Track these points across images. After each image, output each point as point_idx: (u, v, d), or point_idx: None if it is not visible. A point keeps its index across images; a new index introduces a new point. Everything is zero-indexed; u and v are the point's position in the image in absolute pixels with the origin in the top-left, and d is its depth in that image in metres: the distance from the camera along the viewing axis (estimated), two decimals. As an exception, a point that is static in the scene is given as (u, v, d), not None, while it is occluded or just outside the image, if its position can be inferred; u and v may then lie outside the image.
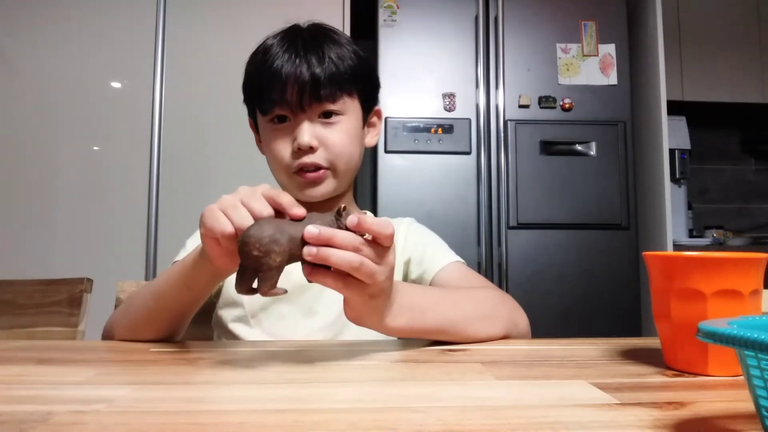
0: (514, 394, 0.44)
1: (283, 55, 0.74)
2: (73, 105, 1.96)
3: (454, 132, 2.07)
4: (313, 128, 0.75)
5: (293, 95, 0.73)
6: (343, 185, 0.80)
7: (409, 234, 0.86)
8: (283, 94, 0.73)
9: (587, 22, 2.15)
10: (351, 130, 0.78)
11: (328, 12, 2.02)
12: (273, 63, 0.74)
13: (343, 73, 0.75)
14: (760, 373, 0.31)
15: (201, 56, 1.99)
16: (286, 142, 0.76)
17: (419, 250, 0.83)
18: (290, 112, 0.75)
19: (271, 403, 0.41)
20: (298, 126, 0.74)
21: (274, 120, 0.76)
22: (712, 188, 2.92)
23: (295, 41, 0.75)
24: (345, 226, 0.48)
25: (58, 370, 0.52)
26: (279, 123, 0.76)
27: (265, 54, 0.75)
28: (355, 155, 0.80)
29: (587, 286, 2.05)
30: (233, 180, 1.96)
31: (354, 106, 0.79)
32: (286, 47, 0.75)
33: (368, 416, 0.38)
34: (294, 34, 0.77)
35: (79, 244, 1.92)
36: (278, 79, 0.73)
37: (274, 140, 0.77)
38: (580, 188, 2.08)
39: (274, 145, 0.77)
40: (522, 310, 0.75)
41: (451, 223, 2.02)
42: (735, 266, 0.49)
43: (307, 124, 0.74)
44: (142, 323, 0.67)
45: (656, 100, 2.19)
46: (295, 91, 0.73)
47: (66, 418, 0.37)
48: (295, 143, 0.74)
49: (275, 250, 0.46)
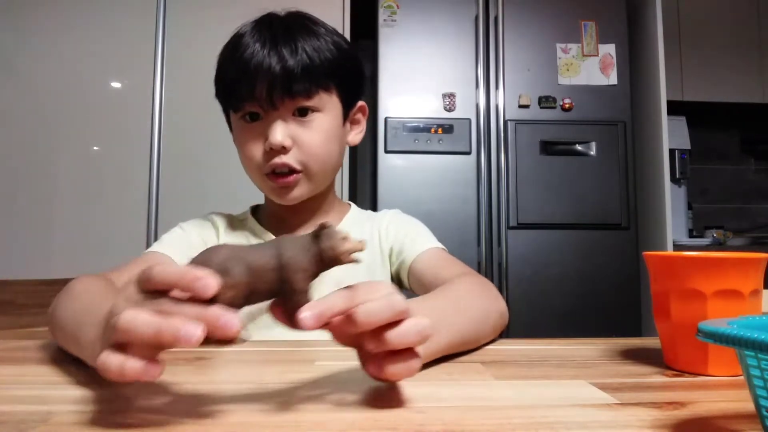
0: (514, 394, 0.44)
1: (253, 45, 0.68)
2: (73, 105, 1.96)
3: (454, 132, 2.07)
4: (287, 127, 0.70)
5: (263, 90, 0.68)
6: (321, 186, 0.77)
7: (390, 225, 0.83)
8: (253, 89, 0.68)
9: (587, 22, 2.15)
10: (328, 128, 0.73)
11: (328, 12, 2.02)
12: (242, 54, 0.68)
13: (319, 66, 0.70)
14: (760, 373, 0.31)
15: (201, 56, 1.98)
16: (258, 142, 0.71)
17: (399, 239, 0.81)
18: (261, 109, 0.70)
19: (271, 403, 0.40)
20: (270, 124, 0.70)
21: (245, 117, 0.72)
22: (712, 188, 2.92)
23: (264, 31, 0.70)
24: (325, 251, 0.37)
25: (58, 370, 0.52)
26: (251, 121, 0.72)
27: (236, 44, 0.70)
28: (333, 155, 0.76)
29: (587, 286, 2.05)
30: (233, 180, 1.96)
31: (332, 102, 0.74)
32: (257, 37, 0.69)
33: (368, 416, 0.38)
34: (267, 23, 0.72)
35: (79, 244, 1.92)
36: (247, 73, 0.68)
37: (245, 139, 0.72)
38: (580, 188, 2.08)
39: (245, 145, 0.72)
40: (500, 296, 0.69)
41: (451, 223, 2.02)
42: (735, 266, 0.49)
43: (280, 122, 0.70)
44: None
45: (656, 100, 2.19)
46: (265, 86, 0.68)
47: (66, 418, 0.37)
48: (266, 143, 0.70)
49: (226, 283, 0.35)
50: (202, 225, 0.81)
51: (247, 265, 0.36)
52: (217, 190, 1.97)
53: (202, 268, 0.35)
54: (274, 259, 0.37)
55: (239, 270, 0.36)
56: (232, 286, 0.35)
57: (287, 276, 0.37)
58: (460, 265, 0.76)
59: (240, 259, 0.36)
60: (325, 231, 0.38)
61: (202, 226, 0.81)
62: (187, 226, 0.80)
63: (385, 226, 0.84)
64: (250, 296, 0.36)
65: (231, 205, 0.90)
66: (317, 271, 0.38)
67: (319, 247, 0.37)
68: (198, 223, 0.81)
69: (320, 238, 0.38)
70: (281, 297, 0.37)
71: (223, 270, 0.35)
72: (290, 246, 0.37)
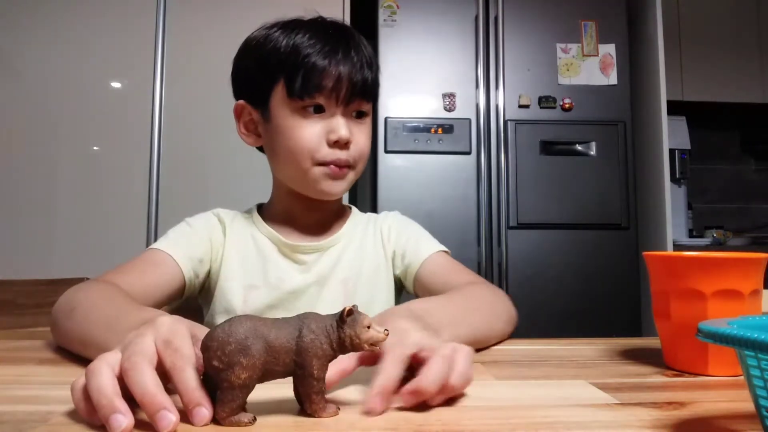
0: (514, 394, 0.44)
1: (331, 45, 0.73)
2: (73, 105, 1.96)
3: (454, 132, 2.07)
4: (349, 125, 0.75)
5: (342, 88, 0.73)
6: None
7: (392, 228, 0.86)
8: (335, 86, 0.72)
9: (587, 22, 2.15)
10: (370, 132, 0.80)
11: (328, 12, 2.00)
12: (324, 50, 0.73)
13: (377, 76, 0.78)
14: (760, 373, 0.31)
15: (201, 56, 1.99)
16: (318, 132, 0.74)
17: (401, 243, 0.83)
18: (333, 104, 0.74)
19: (271, 403, 0.40)
20: (332, 118, 0.74)
21: (309, 109, 0.74)
22: (712, 188, 2.92)
23: (337, 36, 0.75)
24: (347, 338, 0.37)
25: (58, 370, 0.52)
26: (315, 113, 0.74)
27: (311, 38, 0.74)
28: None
29: (587, 286, 2.05)
30: (233, 180, 1.97)
31: (371, 109, 0.80)
32: (328, 39, 0.74)
33: (368, 416, 0.38)
34: (326, 28, 0.77)
35: (79, 243, 1.92)
36: (330, 72, 0.72)
37: (305, 128, 0.74)
38: (580, 188, 2.08)
39: (302, 132, 0.74)
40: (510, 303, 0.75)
41: (451, 223, 2.02)
42: (735, 266, 0.49)
43: (345, 119, 0.75)
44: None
45: (656, 100, 2.19)
46: (346, 87, 0.73)
47: (66, 418, 0.37)
48: (332, 135, 0.73)
49: (241, 363, 0.35)
50: (209, 220, 0.82)
51: (267, 343, 0.36)
52: (217, 189, 1.97)
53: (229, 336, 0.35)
54: (294, 341, 0.37)
55: (258, 348, 0.36)
56: (248, 367, 0.35)
57: (304, 361, 0.37)
58: (467, 271, 0.80)
59: (260, 337, 0.36)
60: (350, 317, 0.37)
61: (208, 220, 0.82)
62: (193, 221, 0.81)
63: (387, 228, 0.85)
64: (264, 376, 0.37)
65: (231, 204, 0.90)
66: (335, 355, 0.38)
67: (341, 333, 0.37)
68: (204, 218, 0.82)
69: (344, 324, 0.37)
70: (296, 378, 0.38)
71: (243, 348, 0.35)
72: (313, 326, 0.37)
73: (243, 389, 0.35)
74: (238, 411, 0.36)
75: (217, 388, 0.36)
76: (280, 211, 0.83)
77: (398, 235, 0.84)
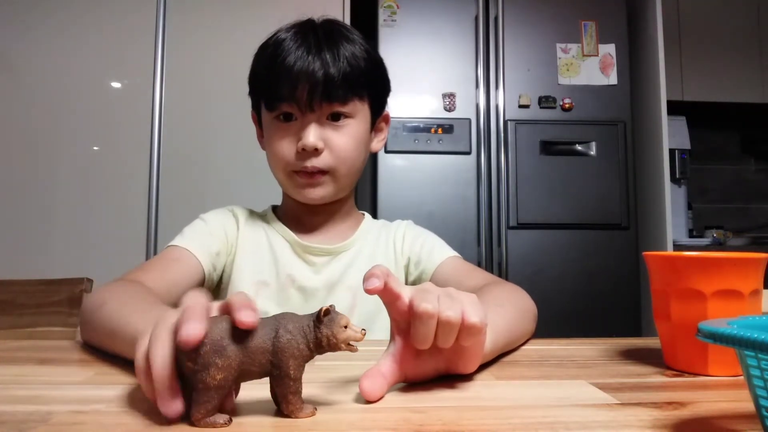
0: (514, 394, 0.44)
1: (296, 51, 0.71)
2: (73, 105, 1.96)
3: (454, 132, 2.07)
4: (320, 130, 0.73)
5: (303, 94, 0.71)
6: (344, 190, 0.79)
7: (406, 235, 0.85)
8: (293, 92, 0.71)
9: (587, 22, 2.15)
10: (358, 134, 0.76)
11: (328, 12, 2.00)
12: (285, 58, 0.71)
13: (357, 74, 0.73)
14: (760, 373, 0.31)
15: (201, 56, 1.99)
16: (291, 142, 0.74)
17: (415, 250, 0.83)
18: (298, 110, 0.73)
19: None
20: (304, 126, 0.72)
21: (280, 117, 0.74)
22: (712, 188, 2.92)
23: (308, 37, 0.73)
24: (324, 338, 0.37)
25: (58, 370, 0.52)
26: (284, 121, 0.74)
27: (277, 47, 0.73)
28: (359, 160, 0.78)
29: (587, 286, 2.05)
30: (233, 180, 1.96)
31: (363, 110, 0.77)
32: (300, 42, 0.72)
33: (368, 416, 0.38)
34: (307, 29, 0.75)
35: (78, 244, 1.92)
36: (289, 76, 0.70)
37: (278, 138, 0.74)
38: (580, 188, 2.08)
39: (277, 143, 0.74)
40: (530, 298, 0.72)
41: (451, 223, 2.02)
42: (735, 266, 0.49)
43: (315, 125, 0.72)
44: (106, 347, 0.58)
45: (656, 100, 2.19)
46: (306, 90, 0.70)
47: (66, 418, 0.37)
48: (299, 143, 0.72)
49: (216, 365, 0.35)
50: (224, 215, 0.82)
51: (242, 344, 0.36)
52: (217, 190, 1.97)
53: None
54: (271, 341, 0.36)
55: (233, 349, 0.35)
56: (225, 368, 0.35)
57: (281, 361, 0.36)
58: (480, 271, 0.79)
59: (236, 338, 0.36)
60: (327, 317, 0.37)
61: (223, 215, 0.82)
62: (207, 216, 0.81)
63: (401, 236, 0.85)
64: (240, 377, 0.36)
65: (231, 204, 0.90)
66: (312, 355, 0.38)
67: (318, 333, 0.37)
68: (219, 213, 0.83)
69: (322, 324, 0.37)
70: (272, 379, 0.37)
71: (219, 349, 0.35)
72: (290, 327, 0.37)
73: (218, 390, 0.35)
74: (214, 412, 0.35)
75: (193, 389, 0.35)
76: (288, 213, 0.84)
77: (412, 243, 0.84)
